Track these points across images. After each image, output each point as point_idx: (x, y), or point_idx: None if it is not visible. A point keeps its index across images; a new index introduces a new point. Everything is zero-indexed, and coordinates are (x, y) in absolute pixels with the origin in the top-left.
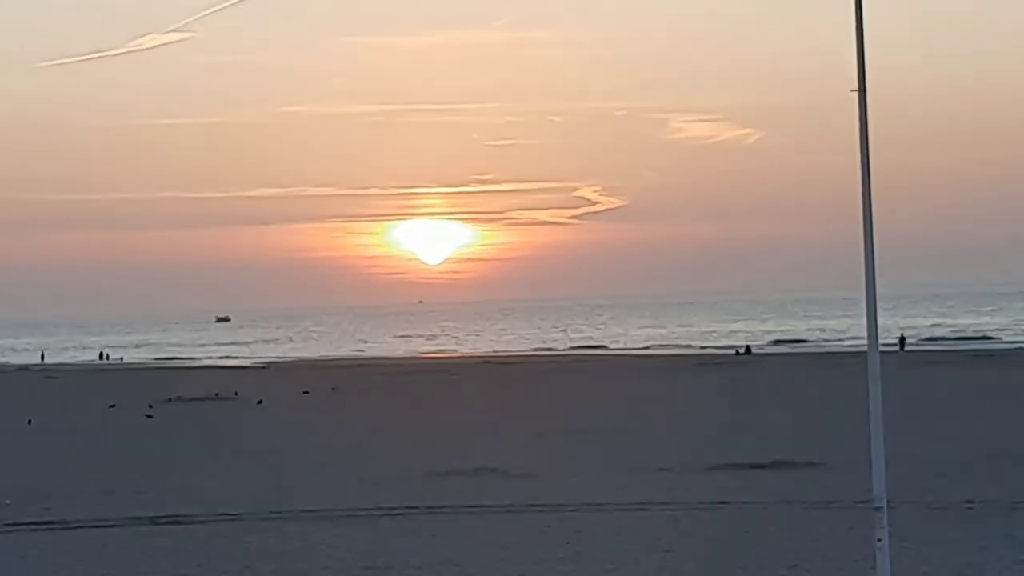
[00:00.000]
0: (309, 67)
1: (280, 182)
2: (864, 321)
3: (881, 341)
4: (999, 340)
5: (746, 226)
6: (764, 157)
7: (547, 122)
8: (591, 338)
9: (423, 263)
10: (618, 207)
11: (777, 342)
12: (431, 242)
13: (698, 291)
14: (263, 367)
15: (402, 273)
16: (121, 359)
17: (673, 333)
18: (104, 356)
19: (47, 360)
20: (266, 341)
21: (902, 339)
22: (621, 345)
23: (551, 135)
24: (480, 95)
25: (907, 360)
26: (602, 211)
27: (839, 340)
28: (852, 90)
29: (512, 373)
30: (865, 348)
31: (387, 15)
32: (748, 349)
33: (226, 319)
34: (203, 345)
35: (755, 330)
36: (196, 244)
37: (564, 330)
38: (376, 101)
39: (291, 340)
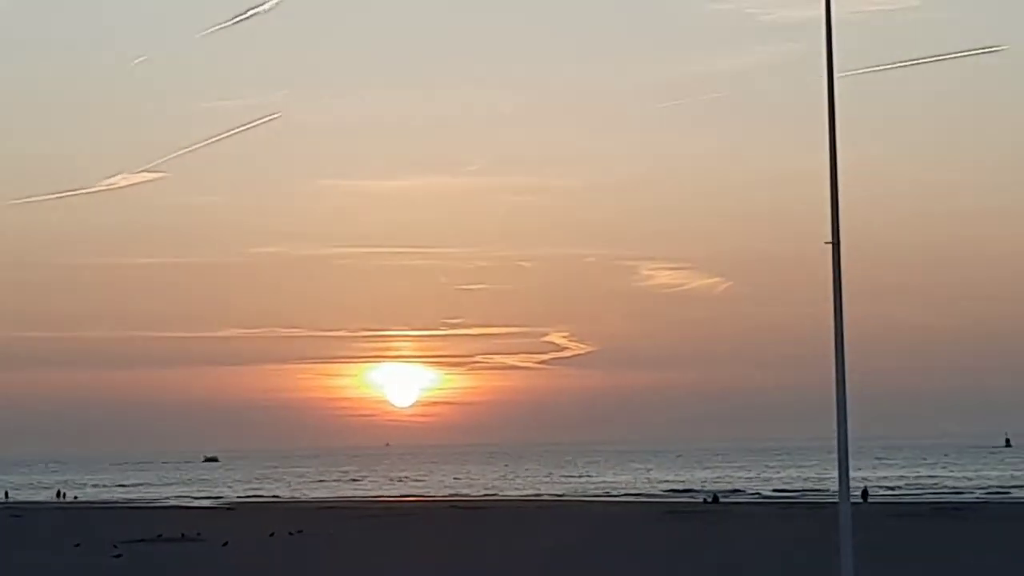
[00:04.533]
0: (279, 209)
1: (250, 323)
2: (835, 472)
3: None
4: (957, 493)
5: (715, 374)
6: (733, 306)
7: (517, 267)
8: (558, 483)
9: (392, 405)
10: (587, 352)
11: (741, 491)
12: (400, 384)
13: (667, 438)
14: (230, 508)
15: (371, 415)
16: (76, 497)
17: (641, 480)
18: (61, 495)
19: (11, 498)
20: (236, 482)
21: (865, 491)
22: (589, 492)
23: (521, 280)
24: (450, 239)
25: (871, 512)
26: (571, 356)
27: (809, 490)
28: (827, 242)
29: (478, 517)
30: (834, 499)
31: (357, 159)
32: (715, 497)
33: (214, 459)
34: (171, 484)
35: (723, 477)
36: (166, 383)
37: (531, 475)
38: (346, 244)
39: (259, 480)
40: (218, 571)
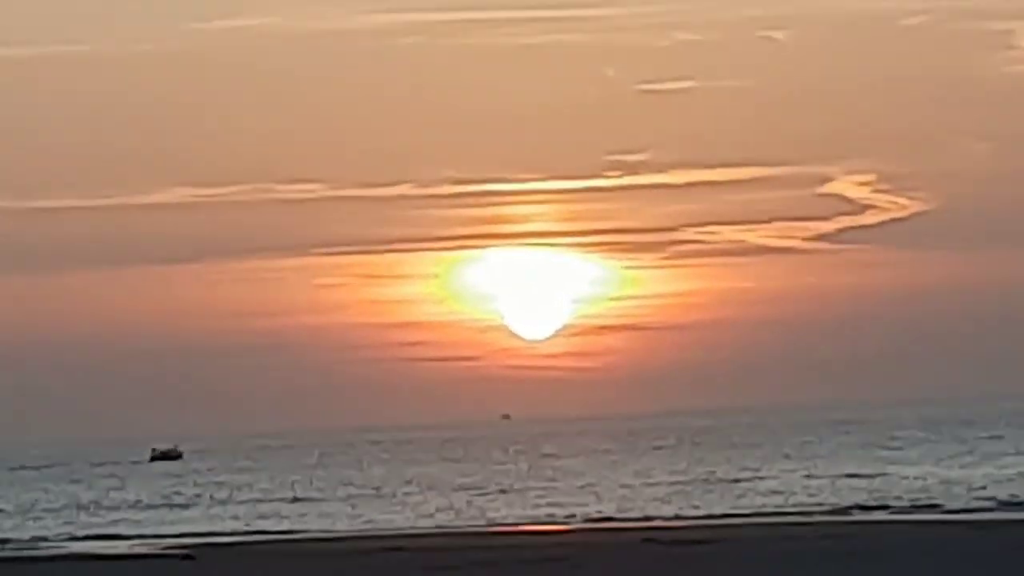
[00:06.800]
0: None
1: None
2: None
3: None
4: None
5: None
6: None
7: (762, 41)
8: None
9: (518, 339)
10: (915, 214)
11: None
12: (525, 284)
13: None
14: None
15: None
16: None
17: None
18: None
19: None
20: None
21: None
22: None
23: (772, 68)
24: None
25: None
26: (881, 223)
27: None
28: None
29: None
30: None
31: None
32: None
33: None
34: None
35: None
36: None
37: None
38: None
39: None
40: None
